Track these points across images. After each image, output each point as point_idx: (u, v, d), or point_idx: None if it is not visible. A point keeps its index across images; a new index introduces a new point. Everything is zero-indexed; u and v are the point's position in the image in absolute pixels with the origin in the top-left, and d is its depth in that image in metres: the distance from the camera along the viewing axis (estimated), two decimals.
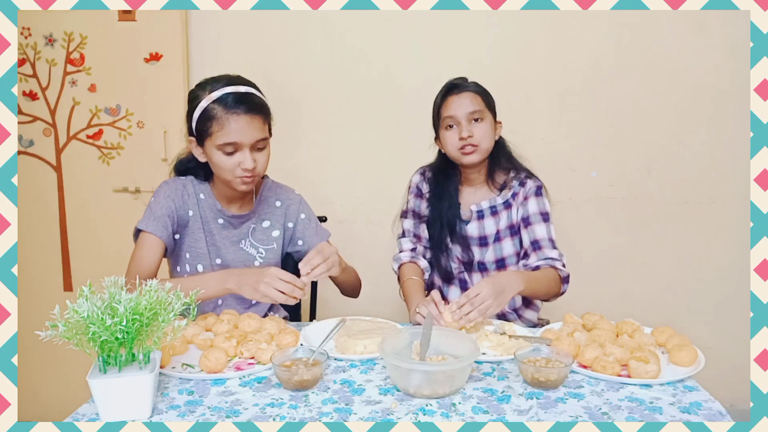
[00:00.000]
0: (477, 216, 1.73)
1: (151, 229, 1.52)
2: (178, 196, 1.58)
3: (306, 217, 1.71)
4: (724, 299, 2.53)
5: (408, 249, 1.77)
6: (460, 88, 1.67)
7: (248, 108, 1.45)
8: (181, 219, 1.58)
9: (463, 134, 1.63)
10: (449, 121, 1.66)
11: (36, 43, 2.35)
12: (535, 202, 1.68)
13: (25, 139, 2.42)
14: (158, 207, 1.55)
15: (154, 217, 1.53)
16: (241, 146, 1.46)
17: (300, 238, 1.70)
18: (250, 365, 1.28)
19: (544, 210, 1.68)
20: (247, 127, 1.45)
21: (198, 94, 1.49)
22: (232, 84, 1.48)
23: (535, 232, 1.65)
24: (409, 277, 1.68)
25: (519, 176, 1.72)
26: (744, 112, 2.38)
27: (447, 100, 1.67)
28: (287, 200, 1.69)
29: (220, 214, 1.61)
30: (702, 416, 1.07)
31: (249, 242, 1.64)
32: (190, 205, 1.59)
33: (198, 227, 1.60)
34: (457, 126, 1.65)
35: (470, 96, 1.66)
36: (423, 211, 1.78)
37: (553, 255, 1.62)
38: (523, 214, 1.68)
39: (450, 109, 1.65)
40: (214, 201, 1.60)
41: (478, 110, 1.65)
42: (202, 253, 1.60)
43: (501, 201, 1.71)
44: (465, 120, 1.64)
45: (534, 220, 1.66)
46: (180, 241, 1.60)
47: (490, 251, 1.72)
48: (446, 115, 1.66)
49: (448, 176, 1.74)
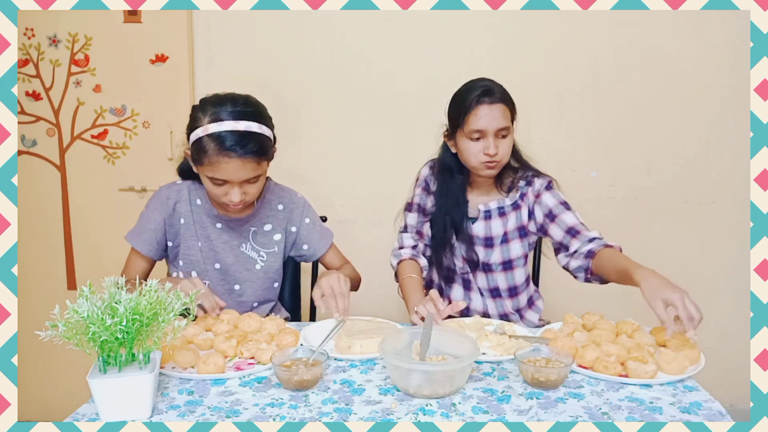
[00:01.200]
0: (484, 216, 1.70)
1: (138, 247, 1.59)
2: (169, 206, 1.59)
3: (311, 221, 1.70)
4: (724, 299, 2.53)
5: (409, 246, 1.75)
6: (493, 96, 1.56)
7: (243, 152, 1.40)
8: (172, 228, 1.61)
9: (491, 151, 1.56)
10: (476, 134, 1.57)
11: (39, 43, 2.35)
12: (550, 195, 1.65)
13: (28, 139, 2.42)
14: (147, 221, 1.60)
15: (142, 231, 1.59)
16: (230, 183, 1.45)
17: (305, 242, 1.69)
18: (250, 365, 1.28)
19: (562, 200, 1.65)
20: (238, 169, 1.42)
21: (198, 116, 1.44)
22: (235, 115, 1.42)
23: (565, 221, 1.62)
24: (408, 275, 1.66)
25: (526, 176, 1.69)
26: (744, 112, 2.38)
27: (478, 108, 1.56)
28: (290, 204, 1.68)
29: (217, 219, 1.60)
30: (702, 416, 1.07)
31: (250, 245, 1.64)
32: (182, 213, 1.59)
33: (191, 234, 1.60)
34: (484, 139, 1.57)
35: (502, 109, 1.57)
36: (428, 207, 1.76)
37: (595, 234, 1.57)
38: (544, 212, 1.65)
39: (480, 121, 1.56)
40: (211, 207, 1.60)
41: (506, 126, 1.58)
42: (195, 260, 1.60)
43: (510, 202, 1.69)
44: (493, 136, 1.57)
45: (558, 211, 1.63)
46: (175, 248, 1.62)
47: (496, 252, 1.71)
48: (475, 128, 1.56)
49: (455, 177, 1.70)
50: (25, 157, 2.42)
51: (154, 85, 2.38)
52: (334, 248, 1.73)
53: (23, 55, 2.36)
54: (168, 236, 1.60)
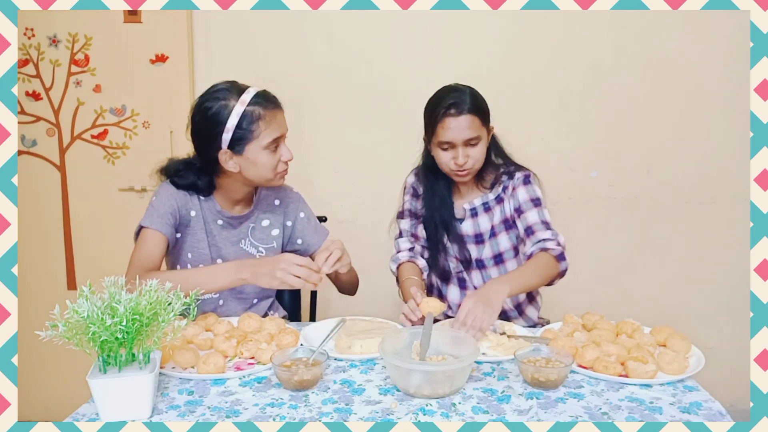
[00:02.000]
0: (471, 214, 1.72)
1: (155, 226, 1.51)
2: (181, 196, 1.58)
3: (305, 216, 1.71)
4: (723, 299, 2.53)
5: (406, 249, 1.76)
6: (459, 108, 1.58)
7: (277, 102, 1.51)
8: (183, 218, 1.59)
9: (459, 161, 1.60)
10: (445, 144, 1.61)
11: (39, 43, 2.36)
12: (524, 190, 1.67)
13: (28, 139, 2.42)
14: (161, 204, 1.55)
15: (158, 214, 1.53)
16: (282, 139, 1.51)
17: (299, 236, 1.70)
18: (250, 365, 1.28)
19: (534, 196, 1.67)
20: (283, 120, 1.52)
21: (213, 106, 1.46)
22: (240, 86, 1.50)
23: (527, 218, 1.64)
24: (408, 277, 1.67)
25: (509, 170, 1.71)
26: (744, 112, 2.38)
27: (445, 120, 1.59)
28: (286, 199, 1.70)
29: (219, 215, 1.61)
30: (702, 416, 1.07)
31: (249, 241, 1.65)
32: (192, 205, 1.60)
33: (200, 227, 1.60)
34: (452, 149, 1.61)
35: (468, 120, 1.58)
36: (419, 210, 1.77)
37: (545, 236, 1.59)
38: (515, 205, 1.68)
39: (447, 134, 1.59)
40: (214, 203, 1.61)
41: (475, 136, 1.60)
42: (204, 253, 1.60)
43: (493, 197, 1.71)
44: (462, 146, 1.60)
45: (525, 208, 1.65)
46: (181, 241, 1.60)
47: (487, 248, 1.72)
48: (443, 140, 1.60)
49: (438, 176, 1.72)
50: (25, 157, 2.43)
51: (154, 85, 2.38)
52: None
53: (23, 55, 2.36)
54: (178, 225, 1.58)
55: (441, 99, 1.62)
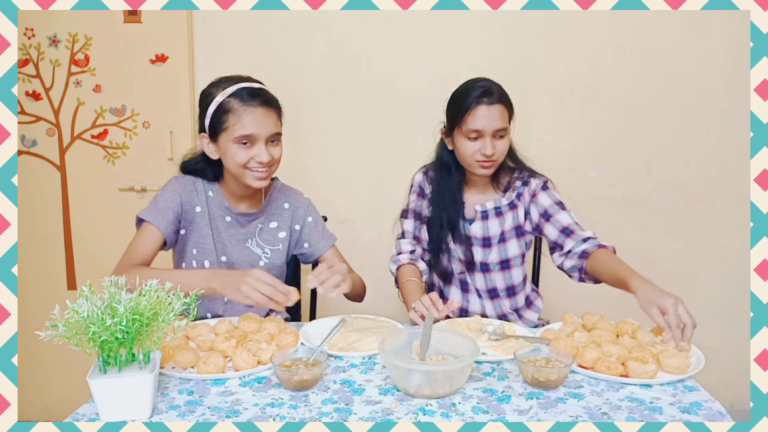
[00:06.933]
0: (481, 216, 1.71)
1: (151, 219, 1.54)
2: (186, 192, 1.59)
3: (313, 220, 1.71)
4: (723, 299, 2.53)
5: (407, 251, 1.75)
6: (492, 96, 1.58)
7: (263, 101, 1.49)
8: (188, 214, 1.60)
9: (488, 152, 1.58)
10: (474, 134, 1.59)
11: (39, 43, 2.35)
12: (546, 195, 1.67)
13: (28, 139, 2.42)
14: (163, 200, 1.57)
15: (157, 208, 1.56)
16: (256, 139, 1.48)
17: (306, 240, 1.70)
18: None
19: (557, 200, 1.67)
20: (262, 119, 1.48)
21: (211, 92, 1.52)
22: (246, 80, 1.52)
23: (560, 221, 1.64)
24: (408, 279, 1.67)
25: (522, 176, 1.71)
26: (744, 112, 2.38)
27: (477, 108, 1.57)
28: (296, 203, 1.70)
29: (227, 211, 1.62)
30: (702, 416, 1.07)
31: (255, 242, 1.65)
32: (198, 202, 1.60)
33: (205, 223, 1.61)
34: (481, 139, 1.59)
35: (500, 110, 1.58)
36: (424, 211, 1.76)
37: (588, 234, 1.59)
38: (539, 211, 1.67)
39: (479, 122, 1.57)
40: (222, 199, 1.62)
41: (504, 128, 1.59)
42: (209, 249, 1.61)
43: (506, 202, 1.70)
44: (490, 136, 1.59)
45: (553, 211, 1.65)
46: (186, 237, 1.61)
47: (494, 252, 1.71)
48: (473, 128, 1.58)
49: (452, 175, 1.71)
50: (25, 157, 2.42)
51: (154, 85, 2.38)
52: (335, 251, 1.72)
53: (23, 55, 2.36)
54: (182, 222, 1.60)
55: (471, 88, 1.61)
